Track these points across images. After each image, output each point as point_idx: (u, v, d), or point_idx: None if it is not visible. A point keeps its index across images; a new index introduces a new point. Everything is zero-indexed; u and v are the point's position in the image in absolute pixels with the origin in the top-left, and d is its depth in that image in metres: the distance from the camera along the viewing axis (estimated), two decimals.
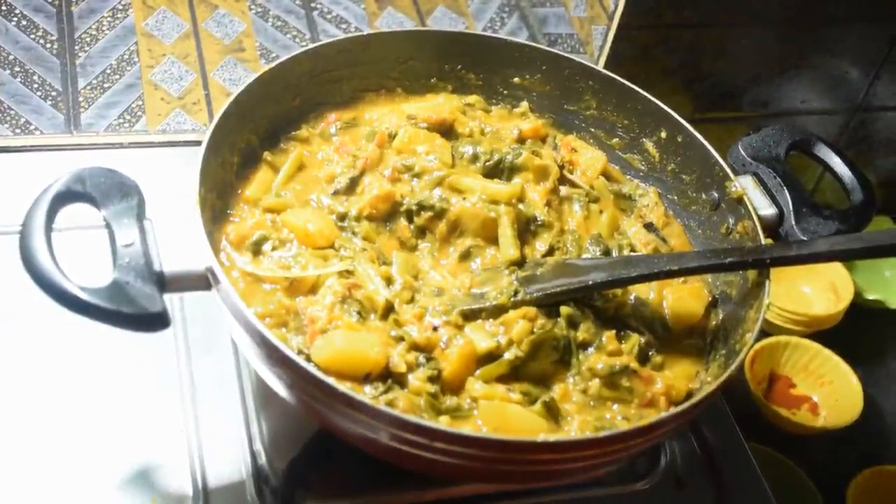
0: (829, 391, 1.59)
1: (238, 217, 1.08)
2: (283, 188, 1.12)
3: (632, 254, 1.14)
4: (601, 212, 1.19)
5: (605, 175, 1.24)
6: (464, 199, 1.10)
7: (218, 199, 1.07)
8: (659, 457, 1.17)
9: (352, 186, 1.12)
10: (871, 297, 1.72)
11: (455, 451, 0.87)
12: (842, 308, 1.64)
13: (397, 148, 1.15)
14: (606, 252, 1.12)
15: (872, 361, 1.66)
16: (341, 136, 1.19)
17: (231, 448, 1.09)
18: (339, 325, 0.96)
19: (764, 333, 1.61)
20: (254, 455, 1.08)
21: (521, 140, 1.22)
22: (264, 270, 1.01)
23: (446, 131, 1.19)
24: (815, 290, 1.71)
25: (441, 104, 1.23)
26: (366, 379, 0.94)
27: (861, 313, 1.69)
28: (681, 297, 1.11)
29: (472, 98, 1.27)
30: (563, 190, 1.18)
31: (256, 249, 1.04)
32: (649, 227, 1.19)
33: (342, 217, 1.09)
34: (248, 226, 1.05)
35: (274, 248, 1.04)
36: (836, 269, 1.69)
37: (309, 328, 0.96)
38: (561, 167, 1.20)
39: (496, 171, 1.15)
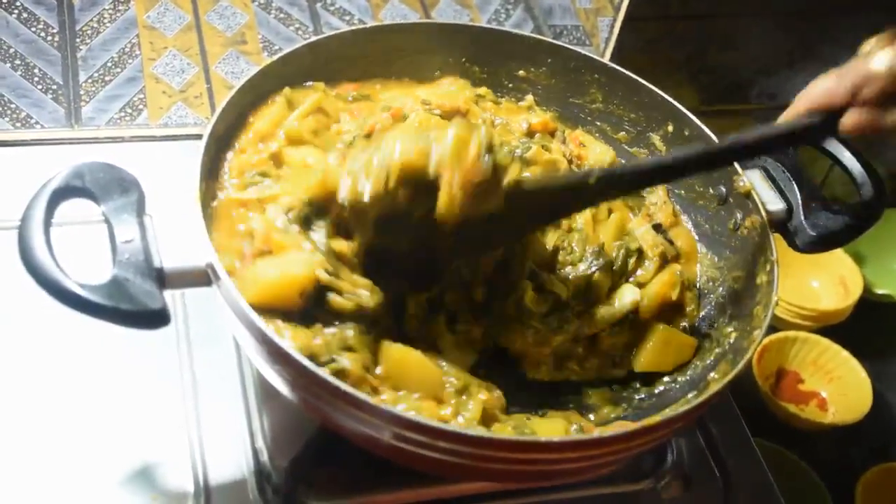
0: (837, 387, 1.58)
1: (243, 150, 1.07)
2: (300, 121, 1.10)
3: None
4: (610, 211, 1.17)
5: None
6: None
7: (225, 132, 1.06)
8: (665, 454, 1.16)
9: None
10: (880, 291, 1.71)
11: (458, 450, 0.86)
12: (851, 303, 1.63)
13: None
14: (608, 264, 1.11)
15: (882, 357, 1.66)
16: (356, 104, 1.17)
17: (232, 445, 1.08)
18: (274, 240, 0.95)
19: (772, 328, 1.60)
20: (255, 452, 1.07)
21: (529, 133, 1.21)
22: (247, 193, 1.01)
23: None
24: (823, 284, 1.70)
25: (454, 92, 1.21)
26: (303, 298, 0.93)
27: (870, 308, 1.68)
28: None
29: (482, 90, 1.25)
30: None
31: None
32: (657, 228, 1.18)
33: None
34: (252, 162, 1.04)
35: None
36: (846, 263, 1.68)
37: (247, 257, 0.95)
38: (569, 162, 1.19)
39: None
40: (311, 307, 0.94)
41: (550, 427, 0.99)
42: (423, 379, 0.95)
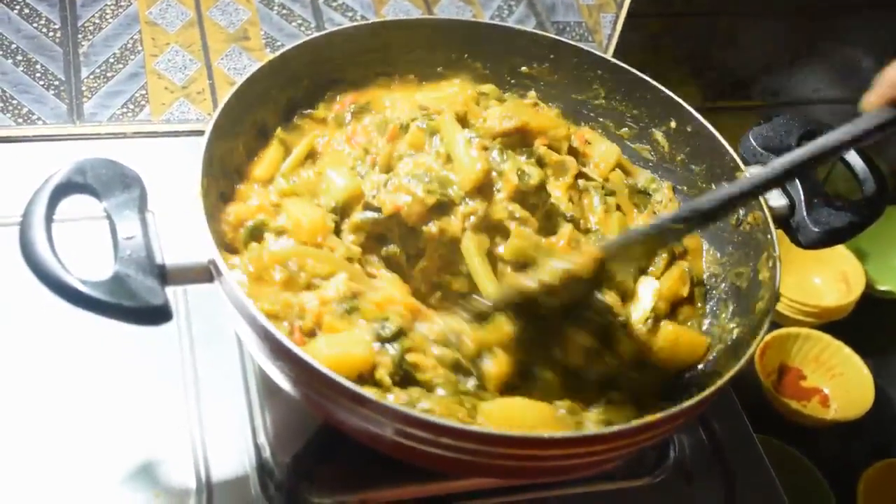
0: (839, 383, 1.58)
1: (242, 198, 1.06)
2: (293, 173, 1.10)
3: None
4: (617, 206, 1.17)
5: (620, 168, 1.22)
6: None
7: (225, 180, 1.06)
8: (668, 451, 1.16)
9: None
10: (882, 287, 1.71)
11: (461, 446, 0.85)
12: (853, 299, 1.63)
13: (409, 143, 1.12)
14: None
15: (884, 353, 1.66)
16: (354, 123, 1.16)
17: (235, 442, 1.08)
18: (325, 321, 0.95)
19: (774, 325, 1.60)
20: (258, 449, 1.07)
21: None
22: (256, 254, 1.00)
23: (459, 122, 1.17)
24: (826, 280, 1.70)
25: (454, 94, 1.20)
26: (359, 381, 0.92)
27: (872, 304, 1.68)
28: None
29: (487, 87, 1.25)
30: (580, 183, 1.16)
31: (254, 236, 1.02)
32: None
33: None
34: (252, 208, 1.04)
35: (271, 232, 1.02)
36: (848, 259, 1.68)
37: (295, 330, 0.95)
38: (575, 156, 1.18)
39: None
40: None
41: (627, 414, 0.98)
42: (537, 421, 0.94)
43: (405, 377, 0.94)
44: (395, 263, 1.05)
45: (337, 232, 1.05)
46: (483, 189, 1.04)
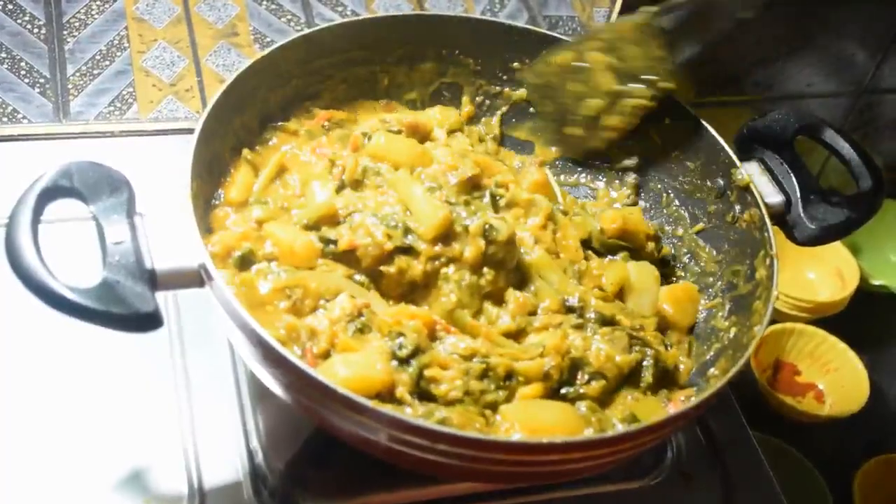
0: (834, 378, 1.58)
1: (219, 222, 1.05)
2: (264, 194, 1.08)
3: None
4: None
5: None
6: None
7: (212, 184, 1.05)
8: (665, 451, 1.15)
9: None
10: (876, 282, 1.71)
11: (457, 452, 0.85)
12: (847, 294, 1.63)
13: (370, 153, 1.09)
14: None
15: (878, 348, 1.65)
16: (327, 136, 1.15)
17: (227, 447, 1.06)
18: (339, 341, 0.93)
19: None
20: (251, 454, 1.06)
21: None
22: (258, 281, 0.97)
23: (423, 138, 1.16)
24: (820, 276, 1.69)
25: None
26: (378, 400, 0.90)
27: (867, 299, 1.68)
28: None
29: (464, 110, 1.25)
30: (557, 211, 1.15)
31: (244, 264, 0.99)
32: None
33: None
34: (236, 236, 1.01)
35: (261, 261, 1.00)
36: (842, 254, 1.68)
37: (308, 353, 0.93)
38: None
39: None
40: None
41: (650, 406, 1.00)
42: (559, 420, 0.94)
43: (422, 394, 0.93)
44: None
45: None
46: (446, 236, 1.01)
